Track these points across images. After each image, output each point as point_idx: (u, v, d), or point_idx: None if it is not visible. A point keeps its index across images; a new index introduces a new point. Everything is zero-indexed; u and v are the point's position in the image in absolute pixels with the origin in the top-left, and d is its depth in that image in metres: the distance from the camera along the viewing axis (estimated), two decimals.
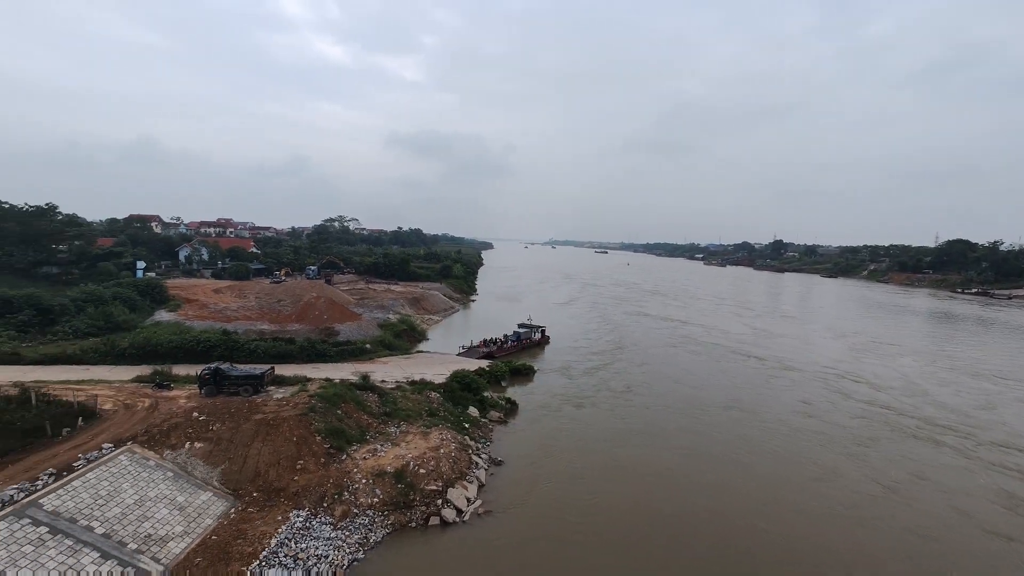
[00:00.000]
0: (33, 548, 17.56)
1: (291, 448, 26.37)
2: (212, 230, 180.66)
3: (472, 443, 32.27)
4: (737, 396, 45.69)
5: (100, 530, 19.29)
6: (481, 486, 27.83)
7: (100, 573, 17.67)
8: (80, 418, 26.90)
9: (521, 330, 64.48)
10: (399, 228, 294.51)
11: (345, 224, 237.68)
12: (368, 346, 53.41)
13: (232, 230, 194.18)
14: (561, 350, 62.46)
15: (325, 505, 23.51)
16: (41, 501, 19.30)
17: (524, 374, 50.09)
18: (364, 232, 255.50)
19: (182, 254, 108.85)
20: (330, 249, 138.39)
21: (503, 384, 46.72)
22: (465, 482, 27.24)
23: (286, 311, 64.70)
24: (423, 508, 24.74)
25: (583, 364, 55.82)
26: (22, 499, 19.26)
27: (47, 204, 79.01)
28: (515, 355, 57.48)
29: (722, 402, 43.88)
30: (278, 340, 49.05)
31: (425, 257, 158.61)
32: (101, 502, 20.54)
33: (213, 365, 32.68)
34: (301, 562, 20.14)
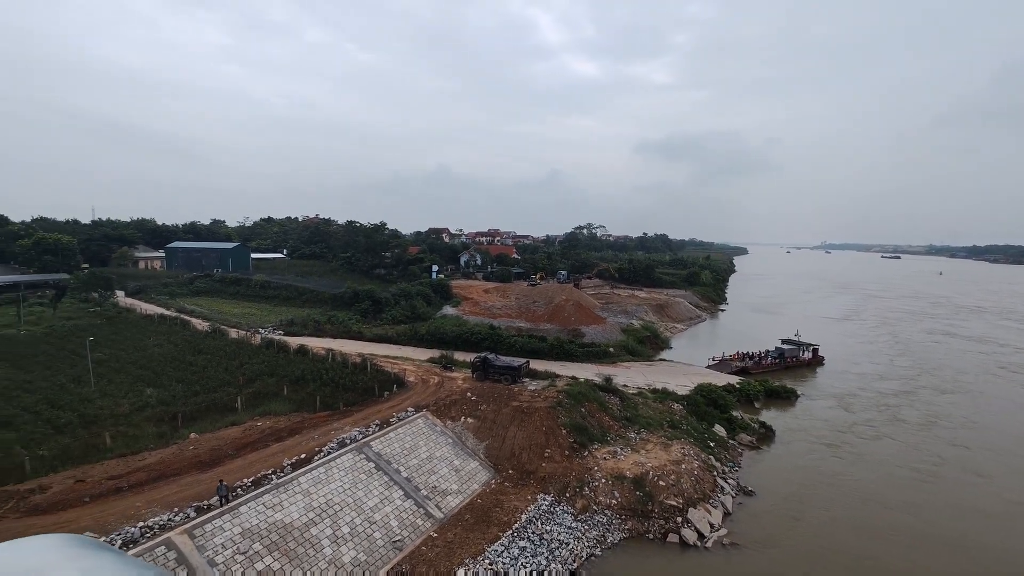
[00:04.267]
0: (366, 476, 23.88)
1: (541, 436, 29.13)
2: (484, 239, 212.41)
3: (717, 464, 29.97)
4: None
5: (404, 474, 24.94)
6: (727, 513, 25.63)
7: (405, 507, 22.93)
8: (395, 385, 35.25)
9: (785, 347, 56.52)
10: (644, 234, 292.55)
11: (593, 231, 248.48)
12: (611, 349, 54.82)
13: (499, 238, 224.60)
14: (836, 374, 52.36)
15: (568, 495, 25.24)
16: (371, 443, 26.05)
17: (784, 397, 43.85)
18: (610, 238, 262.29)
19: (462, 259, 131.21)
20: (579, 255, 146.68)
21: (756, 405, 41.88)
22: (708, 505, 25.51)
23: (539, 311, 71.49)
24: (661, 522, 24.20)
25: (866, 392, 45.65)
26: (360, 440, 26.35)
27: (380, 222, 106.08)
28: (775, 374, 50.75)
29: None
30: (532, 337, 54.65)
31: (671, 263, 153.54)
32: (406, 452, 26.52)
33: (483, 354, 38.49)
34: (546, 542, 22.13)
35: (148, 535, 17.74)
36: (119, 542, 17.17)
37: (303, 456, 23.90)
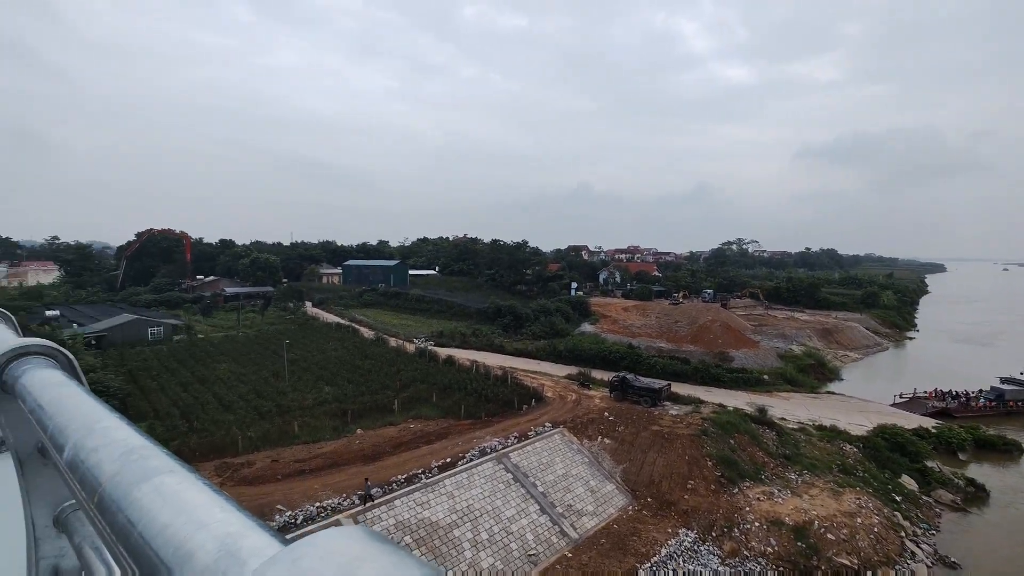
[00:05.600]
0: (504, 487, 24.72)
1: (683, 466, 27.33)
2: (623, 256, 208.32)
3: (905, 523, 25.05)
4: None
5: (540, 488, 25.28)
6: None
7: (540, 522, 23.21)
8: (533, 399, 36.08)
9: (1007, 387, 45.43)
10: (806, 249, 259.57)
11: (743, 246, 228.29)
12: (765, 377, 49.44)
13: (639, 255, 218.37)
14: None
15: (714, 535, 23.21)
16: (510, 455, 26.94)
17: (1003, 450, 35.11)
18: (764, 254, 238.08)
19: (601, 277, 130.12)
20: (727, 273, 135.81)
21: (961, 456, 34.18)
22: (893, 572, 21.39)
23: (682, 331, 67.52)
24: None
25: None
26: (500, 450, 27.41)
27: (522, 240, 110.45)
28: (989, 420, 40.98)
29: None
30: (674, 358, 51.78)
31: (840, 282, 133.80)
32: (542, 467, 26.90)
33: (621, 374, 37.58)
34: None
35: (323, 515, 20.55)
36: (301, 517, 20.18)
37: (448, 460, 25.64)
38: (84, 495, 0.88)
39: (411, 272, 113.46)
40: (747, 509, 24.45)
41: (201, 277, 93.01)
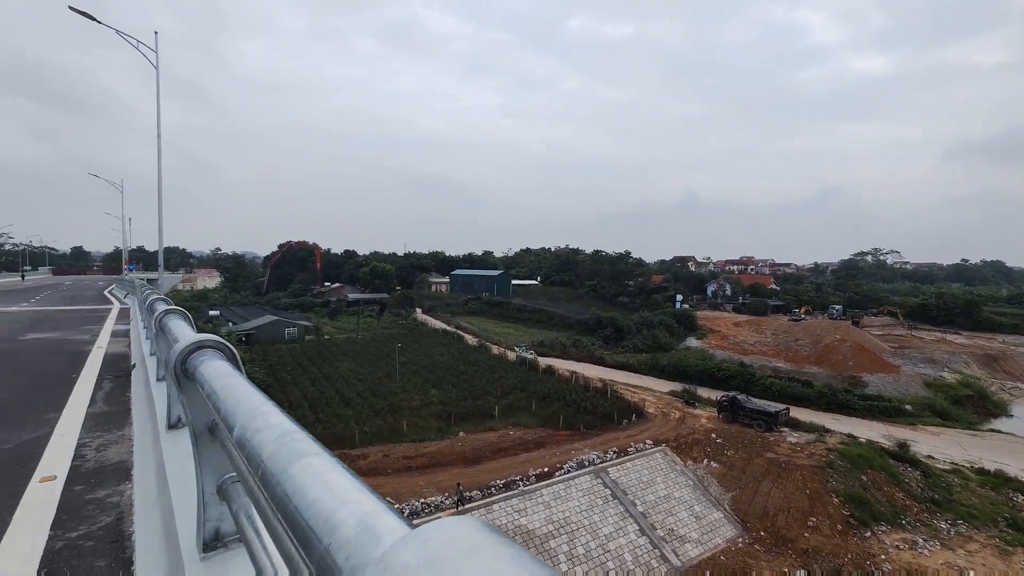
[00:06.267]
0: (602, 502, 24.27)
1: (803, 500, 24.80)
2: (735, 267, 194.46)
3: None
4: None
5: (640, 508, 24.44)
6: None
7: (639, 544, 22.42)
8: (633, 415, 35.03)
9: None
10: (963, 261, 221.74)
11: (880, 257, 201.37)
12: (907, 407, 43.10)
13: (752, 267, 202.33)
14: None
15: None
16: (609, 470, 26.41)
17: None
18: (906, 266, 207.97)
19: (709, 289, 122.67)
20: (860, 287, 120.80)
21: None
22: None
23: (803, 351, 61.32)
24: None
25: None
26: (598, 464, 26.98)
27: (624, 251, 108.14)
28: None
29: None
30: (793, 380, 47.17)
31: (1009, 299, 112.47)
32: (643, 486, 25.99)
33: (731, 394, 35.12)
34: None
35: (426, 511, 21.76)
36: (407, 511, 21.54)
37: (546, 469, 25.80)
38: (250, 469, 1.09)
39: (513, 282, 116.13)
40: (883, 557, 21.50)
41: (328, 284, 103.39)
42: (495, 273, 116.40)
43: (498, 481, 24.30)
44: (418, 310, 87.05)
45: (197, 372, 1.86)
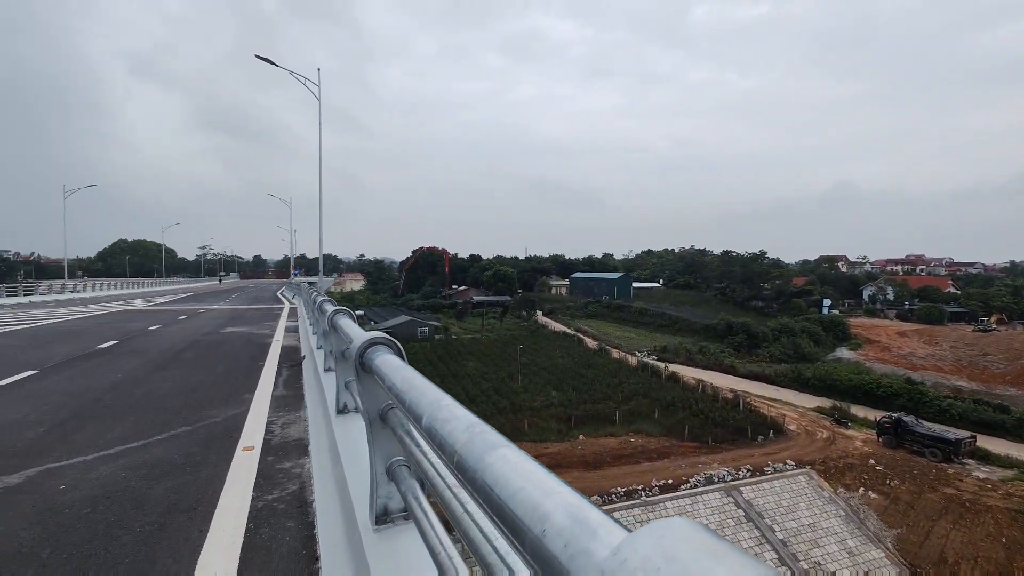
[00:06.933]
0: (734, 523, 22.48)
1: (997, 550, 20.54)
2: (899, 268, 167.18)
3: None
4: None
5: (779, 535, 22.18)
6: None
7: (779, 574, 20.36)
8: (771, 431, 31.93)
9: None
10: None
11: None
12: None
13: (923, 267, 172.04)
14: None
15: None
16: (741, 489, 24.40)
17: None
18: None
19: (865, 293, 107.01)
20: None
21: None
22: None
23: (995, 368, 50.68)
24: None
25: None
26: (729, 481, 25.06)
27: (759, 251, 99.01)
28: None
29: None
30: (982, 403, 39.16)
31: None
32: (782, 511, 23.57)
33: (895, 415, 30.39)
34: None
35: None
36: None
37: (670, 481, 24.64)
38: (444, 456, 1.19)
39: (634, 285, 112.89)
40: None
41: (456, 286, 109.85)
42: (615, 276, 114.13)
43: (619, 489, 23.78)
44: (539, 313, 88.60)
45: (373, 365, 2.13)
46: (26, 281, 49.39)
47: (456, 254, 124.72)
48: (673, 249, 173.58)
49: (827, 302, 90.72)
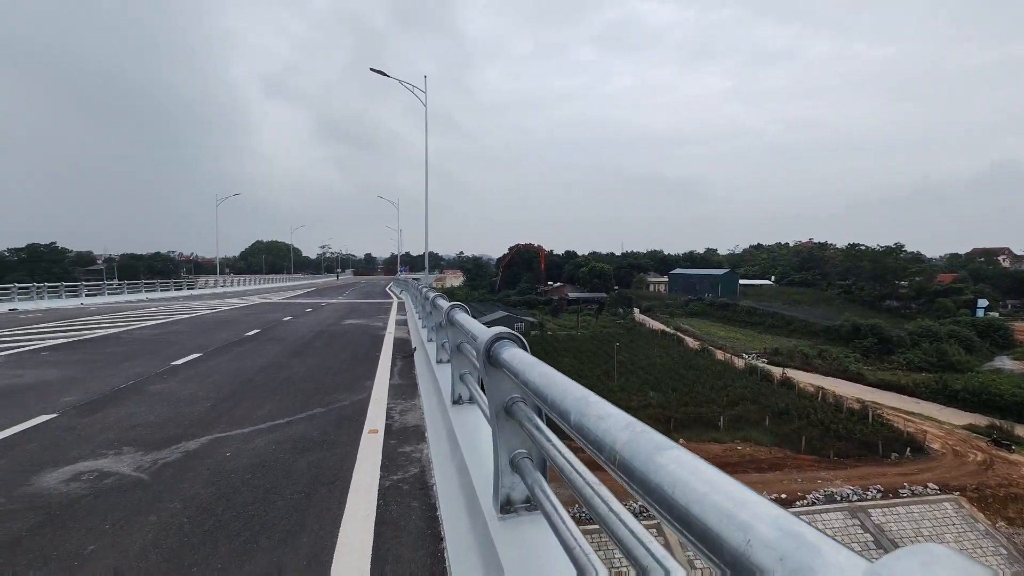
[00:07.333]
0: (860, 548, 20.15)
1: None
2: None
3: None
4: None
5: None
6: None
7: None
8: (907, 448, 28.16)
9: None
10: None
11: None
12: None
13: None
14: None
15: None
16: (870, 511, 21.83)
17: None
18: None
19: None
20: None
21: None
22: None
23: None
24: None
25: None
26: (855, 501, 22.52)
27: (895, 244, 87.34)
28: None
29: None
30: None
31: None
32: (921, 541, 20.68)
33: None
34: None
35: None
36: None
37: (784, 496, 22.74)
38: (601, 455, 1.11)
39: (741, 282, 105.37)
40: None
41: (551, 283, 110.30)
42: (719, 272, 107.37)
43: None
44: (635, 310, 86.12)
45: (501, 359, 2.19)
46: (187, 278, 58.09)
47: (551, 251, 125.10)
48: (787, 243, 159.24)
49: (983, 303, 77.89)
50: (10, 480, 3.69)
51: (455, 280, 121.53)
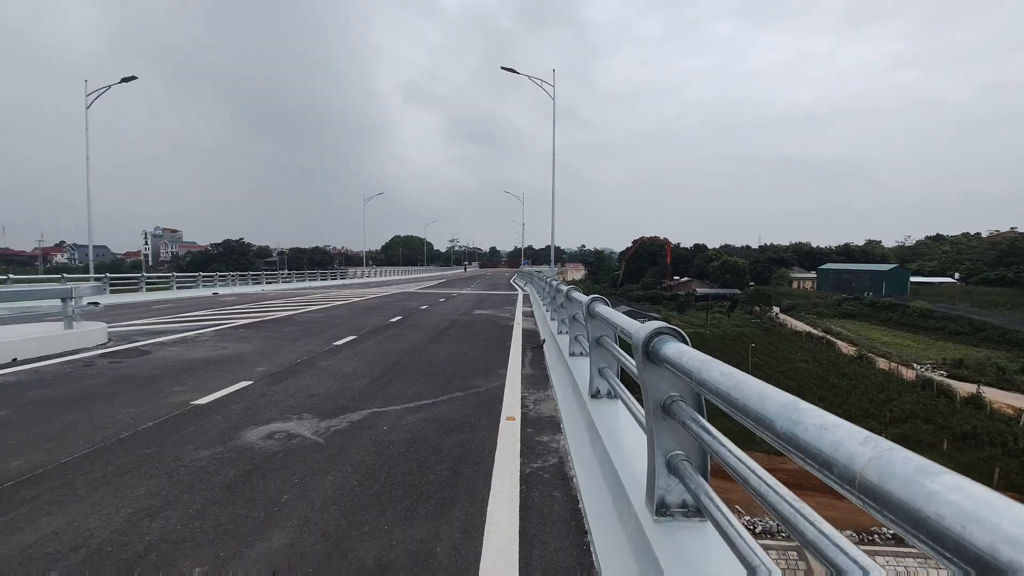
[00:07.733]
0: None
1: None
2: None
3: None
4: None
5: None
6: None
7: None
8: None
9: None
10: None
11: None
12: None
13: None
14: None
15: None
16: None
17: None
18: None
19: None
20: None
21: None
22: None
23: None
24: None
25: None
26: None
27: None
28: None
29: None
30: None
31: None
32: None
33: None
34: None
35: None
36: None
37: None
38: (831, 474, 0.93)
39: (912, 279, 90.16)
40: None
41: (677, 278, 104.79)
42: (884, 268, 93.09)
43: (886, 531, 19.43)
44: (775, 308, 78.26)
45: (664, 355, 2.08)
46: (340, 269, 66.10)
47: (679, 244, 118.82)
48: (977, 233, 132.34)
49: None
50: (226, 433, 4.49)
51: (576, 274, 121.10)
